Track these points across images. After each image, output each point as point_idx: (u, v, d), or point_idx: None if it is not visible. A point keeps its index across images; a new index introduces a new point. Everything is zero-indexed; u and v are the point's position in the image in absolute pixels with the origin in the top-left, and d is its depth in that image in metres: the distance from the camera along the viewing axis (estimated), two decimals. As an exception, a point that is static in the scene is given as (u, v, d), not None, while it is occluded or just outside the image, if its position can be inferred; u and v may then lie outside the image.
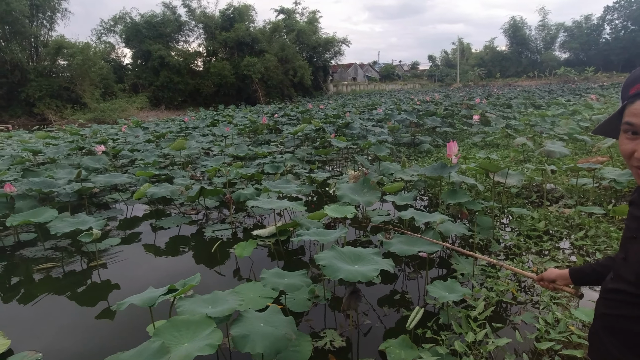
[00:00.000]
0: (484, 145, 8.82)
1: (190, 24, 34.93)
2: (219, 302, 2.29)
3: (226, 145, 9.58)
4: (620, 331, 0.98)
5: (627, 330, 0.96)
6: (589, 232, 3.87)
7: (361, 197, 3.96)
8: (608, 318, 1.02)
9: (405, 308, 2.92)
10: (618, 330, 0.99)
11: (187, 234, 4.75)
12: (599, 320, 1.06)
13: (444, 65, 71.90)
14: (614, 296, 1.00)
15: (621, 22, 57.02)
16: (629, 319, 0.95)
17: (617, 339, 0.99)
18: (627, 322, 0.96)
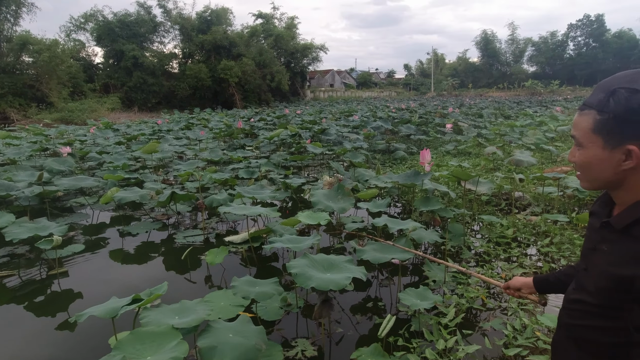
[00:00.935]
0: (456, 153, 9.04)
1: (165, 24, 34.24)
2: (186, 312, 2.20)
3: (200, 150, 9.40)
4: (582, 340, 1.00)
5: (589, 340, 0.98)
6: (554, 239, 4.01)
7: (335, 204, 3.95)
8: (571, 328, 1.04)
9: (378, 316, 2.92)
10: (581, 339, 1.00)
11: (157, 240, 4.59)
12: (562, 330, 1.08)
13: (419, 74, 73.64)
14: (576, 306, 1.02)
15: (583, 40, 60.35)
16: (591, 329, 0.97)
17: (580, 348, 1.01)
18: (589, 331, 0.98)
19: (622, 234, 0.90)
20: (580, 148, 0.94)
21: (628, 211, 0.89)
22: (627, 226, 0.89)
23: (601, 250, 0.95)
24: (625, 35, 57.23)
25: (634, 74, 0.85)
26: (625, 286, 0.85)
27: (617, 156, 0.87)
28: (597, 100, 0.88)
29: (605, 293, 0.91)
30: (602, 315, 0.94)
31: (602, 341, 0.95)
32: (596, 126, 0.88)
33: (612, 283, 0.89)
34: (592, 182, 0.95)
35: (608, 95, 0.86)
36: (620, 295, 0.87)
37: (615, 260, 0.90)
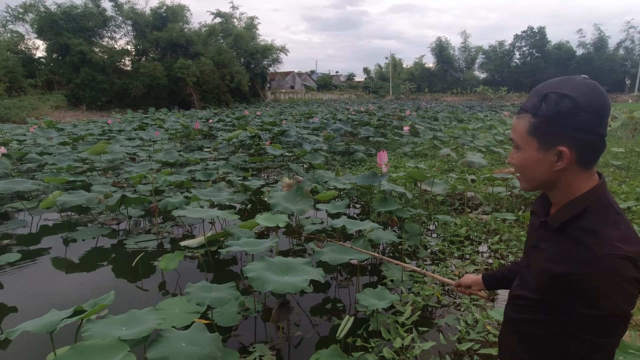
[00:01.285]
0: (413, 155, 9.31)
1: (117, 19, 32.41)
2: (135, 322, 2.08)
3: (155, 151, 9.01)
4: (525, 334, 1.04)
5: (531, 333, 1.02)
6: (503, 237, 4.22)
7: (294, 206, 3.92)
8: (515, 322, 1.08)
9: (337, 317, 2.92)
10: (523, 333, 1.05)
11: (105, 246, 4.33)
12: (507, 324, 1.12)
13: (378, 78, 75.35)
14: (519, 301, 1.06)
15: (528, 49, 64.62)
16: (533, 323, 1.01)
17: (523, 341, 1.05)
18: (531, 325, 1.02)
19: (557, 232, 0.94)
20: (518, 150, 0.97)
21: (562, 211, 0.94)
22: (562, 225, 0.93)
23: (540, 248, 0.99)
24: (564, 47, 61.98)
25: (563, 80, 0.90)
26: (562, 282, 0.89)
27: (550, 157, 0.91)
28: (531, 105, 0.92)
29: (545, 289, 0.95)
30: (543, 310, 0.97)
31: (543, 334, 0.99)
32: (531, 129, 0.92)
33: (550, 279, 0.92)
34: (530, 183, 0.99)
35: (540, 99, 0.90)
36: (558, 290, 0.91)
37: (552, 258, 0.93)
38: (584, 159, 0.89)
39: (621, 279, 0.81)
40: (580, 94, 0.86)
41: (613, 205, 0.91)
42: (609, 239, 0.84)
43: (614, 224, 0.87)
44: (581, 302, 0.86)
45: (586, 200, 0.90)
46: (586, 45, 62.61)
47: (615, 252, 0.82)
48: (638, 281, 0.83)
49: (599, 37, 61.96)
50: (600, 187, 0.92)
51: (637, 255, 0.83)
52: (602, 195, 0.91)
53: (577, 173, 0.91)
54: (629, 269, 0.81)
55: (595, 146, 0.88)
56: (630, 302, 0.84)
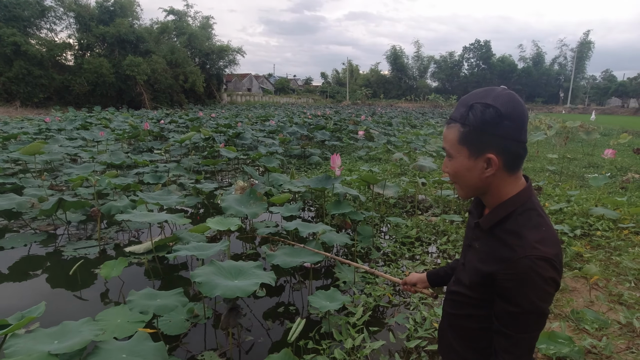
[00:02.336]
0: (367, 159, 9.51)
1: (57, 10, 30.11)
2: (69, 335, 1.92)
3: (99, 152, 8.46)
4: (459, 328, 1.10)
5: (465, 327, 1.08)
6: (451, 237, 4.41)
7: (247, 209, 3.85)
8: (451, 316, 1.13)
9: (290, 320, 2.89)
10: (458, 326, 1.10)
11: (39, 254, 3.99)
12: (445, 318, 1.18)
13: (335, 83, 76.47)
14: (455, 297, 1.12)
15: (475, 61, 68.80)
16: (466, 317, 1.07)
17: (458, 335, 1.10)
18: (464, 319, 1.08)
19: (488, 233, 1.00)
20: (450, 159, 1.01)
21: (492, 213, 0.99)
22: (492, 227, 0.99)
23: (474, 247, 1.05)
24: (507, 60, 66.64)
25: (486, 90, 0.95)
26: (489, 281, 0.95)
27: (480, 164, 0.95)
28: (459, 115, 0.96)
29: (477, 286, 1.00)
30: (474, 306, 1.03)
31: (474, 327, 1.05)
32: (461, 138, 0.96)
33: (480, 278, 0.98)
34: (465, 190, 1.03)
35: (467, 109, 0.94)
36: (487, 288, 0.97)
37: (482, 257, 0.99)
38: (510, 165, 0.95)
39: (538, 279, 0.87)
40: (502, 103, 0.91)
41: (537, 208, 0.96)
42: (530, 241, 0.89)
43: (536, 227, 0.93)
44: (503, 299, 0.92)
45: (512, 204, 0.96)
46: (526, 59, 67.84)
47: (534, 253, 0.87)
48: (554, 280, 0.89)
49: (537, 52, 67.39)
50: (526, 191, 0.97)
51: (554, 257, 0.89)
52: (527, 198, 0.97)
53: (504, 178, 0.96)
54: (546, 269, 0.87)
55: (518, 152, 0.94)
56: (546, 300, 0.89)
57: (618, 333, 2.60)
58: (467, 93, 1.02)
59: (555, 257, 0.89)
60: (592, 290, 3.22)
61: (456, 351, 1.11)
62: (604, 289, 3.26)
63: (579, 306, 2.95)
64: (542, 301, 0.88)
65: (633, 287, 3.27)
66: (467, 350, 1.08)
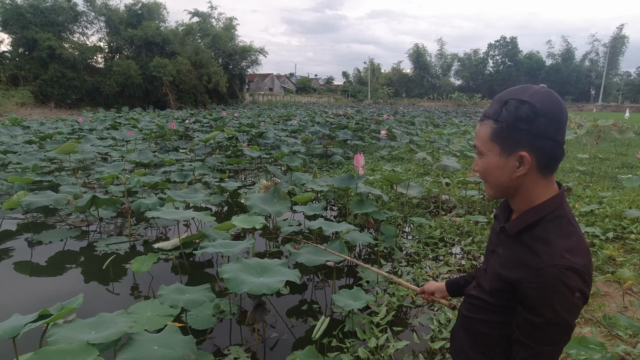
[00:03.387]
0: (390, 158, 9.45)
1: (89, 15, 31.31)
2: (105, 326, 2.02)
3: (128, 151, 8.76)
4: (473, 331, 1.08)
5: (479, 331, 1.06)
6: (476, 239, 4.34)
7: (271, 207, 3.91)
8: (466, 319, 1.12)
9: (313, 318, 2.92)
10: (472, 330, 1.09)
11: (74, 249, 4.18)
12: (459, 321, 1.16)
13: (357, 82, 76.10)
14: (473, 301, 1.10)
15: (500, 58, 66.95)
16: (481, 322, 1.05)
17: (471, 338, 1.09)
18: (479, 324, 1.06)
19: (514, 239, 0.97)
20: (481, 156, 0.99)
21: (520, 218, 0.96)
22: (519, 232, 0.96)
23: (497, 253, 1.02)
24: (534, 57, 64.60)
25: (523, 88, 0.93)
26: (512, 288, 0.92)
27: (512, 162, 0.93)
28: (493, 111, 0.95)
29: (498, 293, 0.98)
30: (493, 312, 1.01)
31: (489, 334, 1.03)
32: (493, 134, 0.94)
33: (502, 284, 0.96)
34: (494, 189, 1.00)
35: (501, 105, 0.93)
36: (508, 295, 0.94)
37: (506, 263, 0.96)
38: (543, 166, 0.92)
39: (566, 289, 0.83)
40: (538, 100, 0.89)
41: (568, 216, 0.93)
42: (559, 249, 0.86)
43: (566, 235, 0.89)
44: (526, 309, 0.88)
45: (543, 210, 0.93)
46: (555, 56, 65.51)
47: (562, 262, 0.84)
48: (582, 292, 0.85)
49: (566, 48, 64.96)
50: (558, 198, 0.94)
51: (583, 267, 0.85)
52: (559, 205, 0.93)
53: (537, 180, 0.93)
54: (574, 280, 0.84)
55: (553, 152, 0.91)
56: (573, 312, 0.86)
57: (653, 340, 2.51)
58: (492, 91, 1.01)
59: (584, 268, 0.85)
60: (625, 295, 3.10)
61: (467, 354, 1.09)
62: (638, 294, 3.14)
63: (612, 311, 2.86)
64: (567, 313, 0.85)
65: (670, 293, 3.13)
66: (478, 354, 1.06)
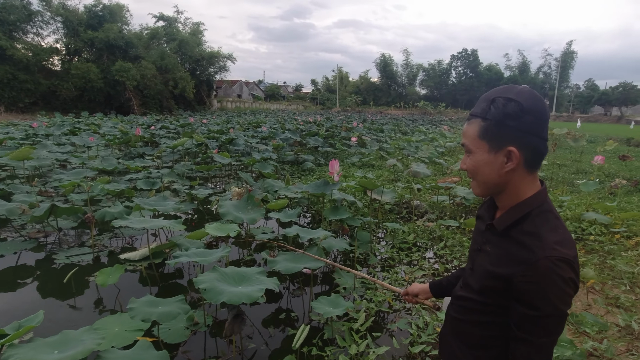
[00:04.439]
0: (361, 165, 9.54)
1: (44, 15, 29.60)
2: (69, 344, 1.87)
3: (89, 158, 8.33)
4: (463, 333, 1.08)
5: (469, 333, 1.06)
6: (448, 243, 4.44)
7: (245, 215, 3.82)
8: (455, 321, 1.11)
9: (291, 326, 2.86)
10: (463, 333, 1.08)
11: (30, 262, 3.88)
12: (448, 324, 1.16)
13: (325, 90, 76.77)
14: (461, 302, 1.09)
15: (463, 69, 69.81)
16: (471, 323, 1.05)
17: (461, 341, 1.08)
18: (469, 325, 1.06)
19: (502, 235, 0.98)
20: (469, 154, 1.01)
21: (507, 214, 0.98)
22: (507, 228, 0.97)
23: (485, 251, 1.03)
24: (494, 68, 67.83)
25: (507, 87, 0.96)
26: (504, 284, 0.93)
27: (500, 159, 0.95)
28: (480, 109, 0.97)
29: (488, 291, 0.99)
30: (483, 312, 1.01)
31: (481, 335, 1.03)
32: (481, 132, 0.96)
33: (492, 281, 0.96)
34: (482, 187, 1.02)
35: (489, 103, 0.95)
36: (500, 293, 0.95)
37: (495, 260, 0.97)
38: (530, 162, 0.94)
39: (559, 280, 0.86)
40: (524, 99, 0.92)
41: (553, 210, 0.96)
42: (549, 242, 0.88)
43: (554, 229, 0.92)
44: (522, 304, 0.89)
45: (529, 205, 0.95)
46: (512, 68, 69.09)
47: (554, 254, 0.86)
48: (574, 282, 0.88)
49: (522, 61, 68.74)
50: (543, 193, 0.97)
51: (573, 258, 0.88)
52: (543, 200, 0.96)
53: (524, 176, 0.96)
54: (566, 270, 0.86)
55: (539, 148, 0.94)
56: (566, 302, 0.88)
57: (617, 335, 2.64)
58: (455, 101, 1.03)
59: (573, 259, 0.88)
60: (589, 293, 3.26)
61: (457, 358, 1.09)
62: (600, 292, 3.31)
63: (578, 310, 2.99)
64: (562, 303, 0.87)
65: (628, 290, 3.32)
66: (469, 357, 1.06)
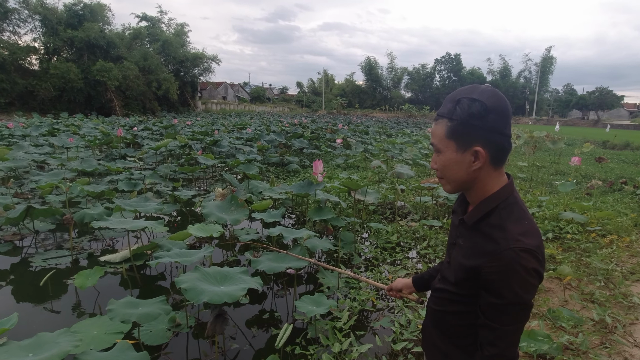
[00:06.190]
0: (346, 166, 9.59)
1: (21, 12, 28.79)
2: (45, 347, 1.82)
3: (68, 159, 8.14)
4: (442, 324, 1.12)
5: (448, 323, 1.10)
6: (431, 242, 4.49)
7: (229, 215, 3.79)
8: (435, 313, 1.15)
9: (275, 327, 2.85)
10: (441, 323, 1.12)
11: (4, 265, 3.77)
12: (429, 316, 1.20)
13: (311, 92, 76.89)
14: (439, 294, 1.14)
15: (446, 73, 71.01)
16: (450, 314, 1.09)
17: (441, 331, 1.12)
18: (448, 316, 1.10)
19: (472, 229, 1.02)
20: (439, 154, 1.04)
21: (476, 209, 1.02)
22: (476, 222, 1.01)
23: (459, 244, 1.07)
24: (476, 72, 69.23)
25: (471, 87, 0.99)
26: (474, 275, 0.97)
27: (468, 157, 0.98)
28: (447, 110, 1.00)
29: (462, 282, 1.02)
30: (459, 302, 1.05)
31: (459, 324, 1.07)
32: (448, 132, 0.99)
33: (465, 273, 1.00)
34: (452, 184, 1.05)
35: (454, 104, 0.98)
36: (472, 283, 0.99)
37: (466, 253, 1.01)
38: (495, 158, 0.98)
39: (522, 270, 0.89)
40: (487, 98, 0.95)
41: (518, 202, 1.00)
42: (513, 234, 0.92)
43: (518, 220, 0.96)
44: (487, 292, 0.93)
45: (496, 199, 0.99)
46: (494, 72, 70.61)
47: (517, 245, 0.90)
48: (537, 272, 0.91)
49: (504, 66, 70.29)
50: (509, 186, 1.01)
51: (536, 248, 0.91)
52: (510, 193, 1.00)
53: (490, 172, 0.99)
54: (529, 260, 0.89)
55: (503, 145, 0.97)
56: (529, 291, 0.91)
57: (592, 330, 2.72)
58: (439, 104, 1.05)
59: (537, 249, 0.91)
60: (565, 290, 3.35)
61: (439, 347, 1.12)
62: (576, 288, 3.40)
63: (555, 305, 3.07)
64: (525, 292, 0.90)
65: (603, 286, 3.43)
66: (449, 346, 1.09)
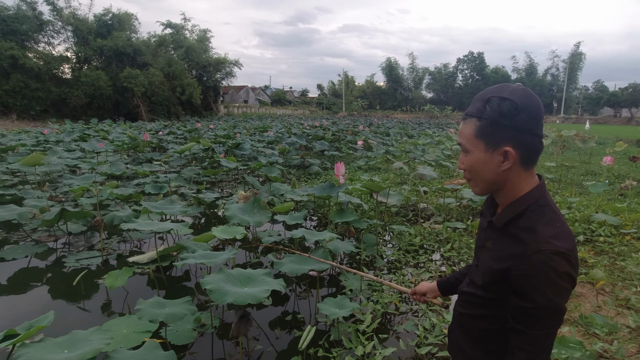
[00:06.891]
0: (367, 168, 9.54)
1: (55, 24, 30.22)
2: (78, 344, 1.89)
3: (99, 163, 8.44)
4: (469, 328, 1.09)
5: (474, 327, 1.07)
6: (454, 245, 4.41)
7: (251, 218, 3.84)
8: (462, 317, 1.13)
9: (298, 328, 2.86)
10: (467, 327, 1.10)
11: (40, 265, 3.94)
12: (455, 319, 1.17)
13: (331, 94, 76.99)
14: (467, 298, 1.11)
15: (469, 72, 69.70)
16: (477, 318, 1.06)
17: (467, 335, 1.10)
18: (474, 320, 1.07)
19: (501, 231, 0.99)
20: (467, 154, 1.02)
21: (506, 211, 0.99)
22: (505, 224, 0.98)
23: (487, 247, 1.04)
24: (500, 71, 67.62)
25: (501, 86, 0.97)
26: (502, 278, 0.94)
27: (497, 158, 0.96)
28: (475, 109, 0.98)
29: (490, 285, 1.00)
30: (487, 306, 1.03)
31: (486, 329, 1.04)
32: (477, 131, 0.97)
33: (493, 277, 0.97)
34: (480, 186, 1.03)
35: (484, 103, 0.96)
36: (500, 287, 0.96)
37: (495, 256, 0.99)
38: (526, 159, 0.95)
39: (553, 273, 0.86)
40: (518, 97, 0.92)
41: (550, 204, 0.97)
42: (544, 236, 0.89)
43: (550, 222, 0.93)
44: (517, 295, 0.91)
45: (527, 201, 0.96)
46: (519, 70, 68.80)
47: (548, 247, 0.87)
48: (570, 275, 0.88)
49: (529, 63, 68.41)
50: (540, 188, 0.98)
51: (568, 251, 0.88)
52: (541, 195, 0.97)
53: (520, 173, 0.97)
54: (561, 264, 0.86)
55: (534, 146, 0.94)
56: (562, 295, 0.88)
57: (628, 337, 2.60)
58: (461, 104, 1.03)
59: (570, 252, 0.88)
60: (598, 295, 3.22)
61: (464, 351, 1.10)
62: (610, 293, 3.26)
63: (587, 311, 2.95)
64: (557, 297, 0.87)
65: (639, 291, 3.27)
66: (475, 351, 1.07)
